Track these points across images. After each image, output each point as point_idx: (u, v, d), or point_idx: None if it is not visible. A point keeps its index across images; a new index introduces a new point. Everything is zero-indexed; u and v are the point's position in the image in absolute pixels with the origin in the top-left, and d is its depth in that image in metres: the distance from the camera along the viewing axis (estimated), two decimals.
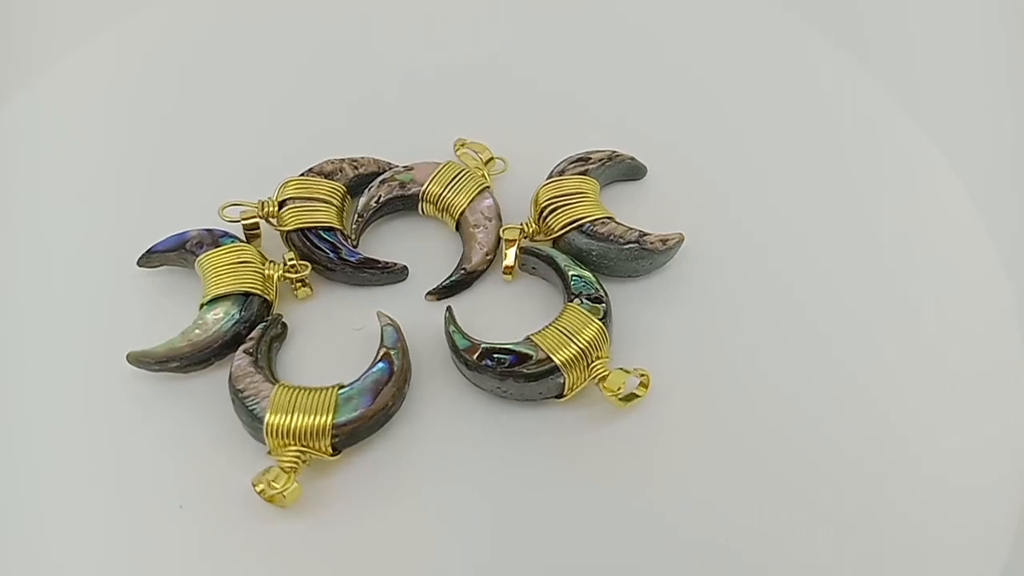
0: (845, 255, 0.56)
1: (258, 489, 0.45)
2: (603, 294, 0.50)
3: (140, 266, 0.53)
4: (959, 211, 0.57)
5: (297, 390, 0.46)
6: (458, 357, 0.49)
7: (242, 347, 0.48)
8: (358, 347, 0.51)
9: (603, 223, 0.52)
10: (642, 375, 0.47)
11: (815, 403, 0.50)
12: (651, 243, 0.52)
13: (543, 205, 0.53)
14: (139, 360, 0.49)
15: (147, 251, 0.52)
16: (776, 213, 0.57)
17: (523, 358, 0.47)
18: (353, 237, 0.54)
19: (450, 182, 0.55)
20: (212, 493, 0.47)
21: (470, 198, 0.54)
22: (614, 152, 0.56)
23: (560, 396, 0.48)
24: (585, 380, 0.48)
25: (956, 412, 0.50)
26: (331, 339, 0.52)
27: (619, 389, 0.47)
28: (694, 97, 0.63)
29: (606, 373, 0.47)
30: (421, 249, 0.56)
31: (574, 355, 0.47)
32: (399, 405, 0.48)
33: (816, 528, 0.46)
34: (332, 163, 0.55)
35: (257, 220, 0.53)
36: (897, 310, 0.53)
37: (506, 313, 0.53)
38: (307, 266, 0.51)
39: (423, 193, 0.55)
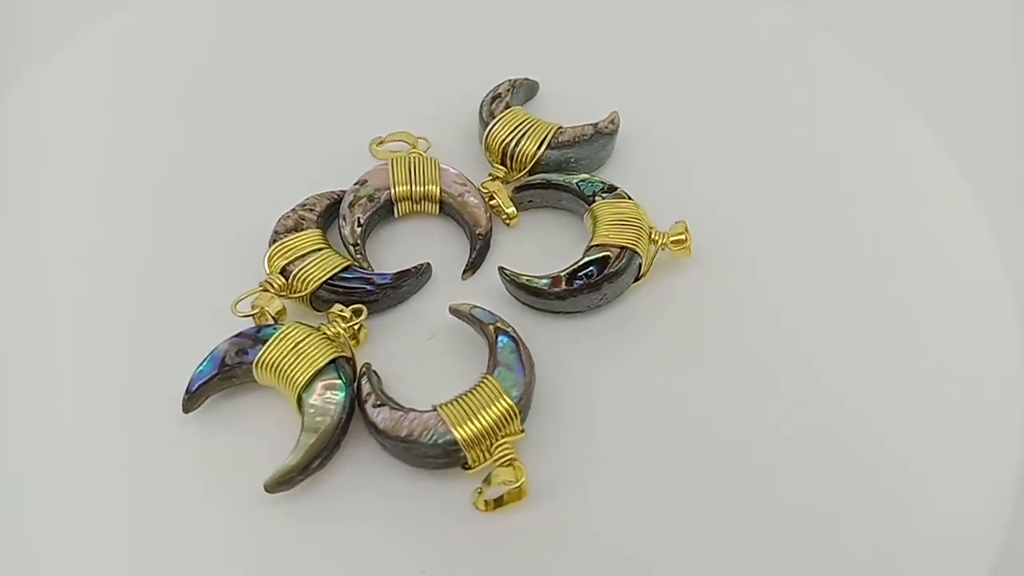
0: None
1: (484, 502, 0.44)
2: (611, 183, 0.54)
3: (188, 412, 0.47)
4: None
5: (457, 400, 0.45)
6: (545, 297, 0.50)
7: (368, 405, 0.46)
8: (443, 352, 0.51)
9: (560, 132, 0.56)
10: (681, 228, 0.52)
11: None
12: (605, 127, 0.56)
13: (501, 146, 0.56)
14: (279, 483, 0.44)
15: (187, 394, 0.47)
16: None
17: (604, 261, 0.50)
18: (365, 265, 0.52)
19: (411, 174, 0.55)
20: (439, 549, 0.45)
21: (438, 179, 0.55)
22: (511, 80, 0.60)
23: (639, 278, 0.52)
24: (653, 250, 0.52)
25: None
26: (414, 360, 0.50)
27: (685, 238, 0.51)
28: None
29: (663, 238, 0.52)
30: (412, 247, 0.55)
31: (638, 234, 0.51)
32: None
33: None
34: (288, 217, 0.53)
35: (276, 299, 0.49)
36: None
37: (532, 251, 0.55)
38: (362, 309, 0.49)
39: (395, 196, 0.54)
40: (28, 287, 0.54)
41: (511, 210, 0.55)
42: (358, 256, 0.52)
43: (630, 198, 0.53)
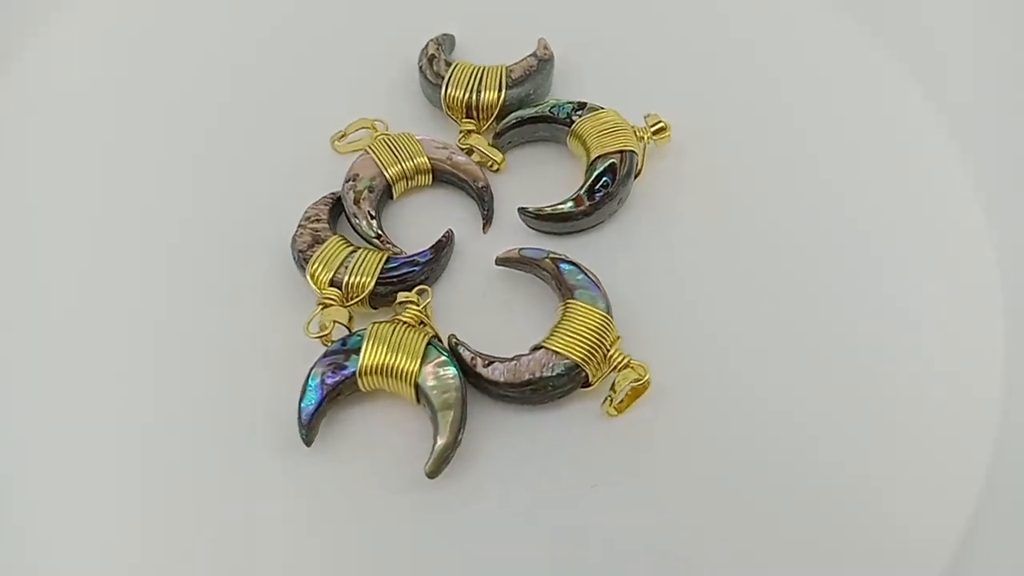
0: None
1: (615, 407, 0.48)
2: (579, 100, 0.57)
3: (310, 443, 0.48)
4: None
5: (554, 332, 0.49)
6: (573, 219, 0.54)
7: (478, 367, 0.48)
8: (503, 303, 0.54)
9: (510, 71, 0.59)
10: (656, 118, 0.57)
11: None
12: (544, 55, 0.60)
13: (463, 103, 0.58)
14: (439, 463, 0.47)
15: (303, 428, 0.47)
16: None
17: (612, 169, 0.54)
18: (397, 250, 0.53)
19: (395, 154, 0.56)
20: (591, 463, 0.49)
21: (422, 150, 0.56)
22: (434, 38, 0.61)
23: (637, 175, 0.57)
24: (642, 145, 0.56)
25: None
26: (482, 319, 0.53)
27: (665, 125, 0.56)
28: None
29: (646, 132, 0.56)
30: (415, 221, 0.57)
31: (629, 137, 0.55)
32: None
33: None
34: (302, 235, 0.53)
35: (343, 310, 0.50)
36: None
37: (528, 186, 0.58)
38: (427, 290, 0.51)
39: (391, 178, 0.55)
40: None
41: (498, 156, 0.57)
42: (387, 246, 0.53)
43: (604, 108, 0.57)
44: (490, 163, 0.58)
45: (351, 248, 0.52)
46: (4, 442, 0.49)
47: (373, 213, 0.54)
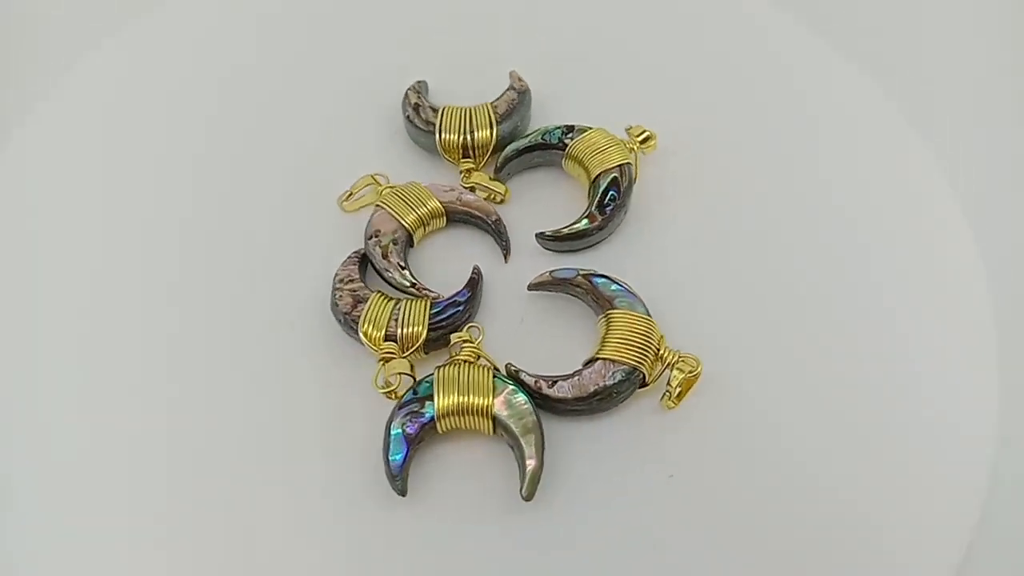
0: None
1: (674, 399, 0.52)
2: (566, 124, 0.61)
3: (405, 494, 0.50)
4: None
5: (602, 344, 0.52)
6: (589, 235, 0.58)
7: (543, 389, 0.52)
8: (540, 327, 0.57)
9: (494, 108, 0.62)
10: (640, 128, 0.62)
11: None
12: (519, 86, 0.63)
13: (459, 145, 0.61)
14: (534, 485, 0.50)
15: (396, 480, 0.50)
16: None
17: (615, 182, 0.58)
18: (435, 295, 0.56)
19: (408, 203, 0.58)
20: (665, 456, 0.53)
21: (432, 194, 0.59)
22: (411, 86, 0.64)
23: (633, 182, 0.61)
24: (634, 156, 0.60)
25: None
26: (524, 346, 0.56)
27: (650, 134, 0.61)
28: None
29: (635, 143, 0.61)
30: (437, 263, 0.60)
31: (623, 151, 0.59)
32: None
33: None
34: (342, 298, 0.55)
35: (404, 361, 0.52)
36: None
37: (533, 212, 0.61)
38: (478, 327, 0.54)
39: (411, 227, 0.58)
40: None
41: (501, 189, 0.61)
42: (424, 292, 0.56)
43: (592, 128, 0.61)
44: (494, 196, 0.61)
45: (393, 301, 0.54)
46: None
47: (403, 264, 0.57)
